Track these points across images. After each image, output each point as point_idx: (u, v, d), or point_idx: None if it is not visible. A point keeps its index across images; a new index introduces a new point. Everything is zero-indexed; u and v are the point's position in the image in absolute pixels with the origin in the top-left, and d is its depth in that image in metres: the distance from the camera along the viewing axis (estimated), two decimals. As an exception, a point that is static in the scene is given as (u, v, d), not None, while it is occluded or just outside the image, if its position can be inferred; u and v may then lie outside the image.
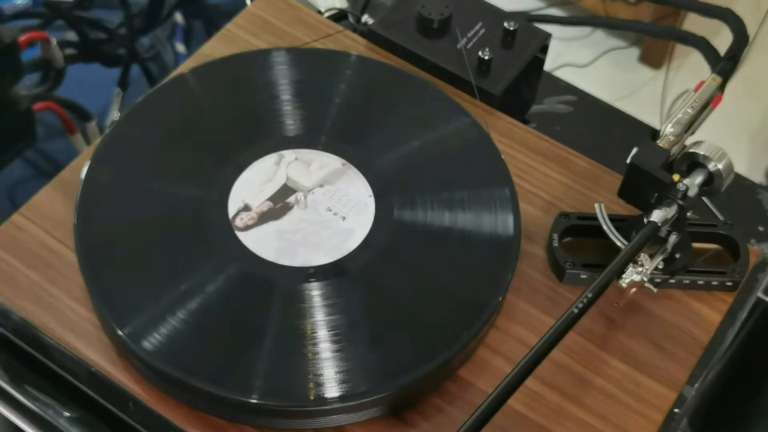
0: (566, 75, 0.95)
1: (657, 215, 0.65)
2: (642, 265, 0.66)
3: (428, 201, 0.70)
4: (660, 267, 0.68)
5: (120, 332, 0.62)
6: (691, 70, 1.86)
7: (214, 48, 0.82)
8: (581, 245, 0.72)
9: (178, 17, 1.21)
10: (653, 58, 1.91)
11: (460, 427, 0.56)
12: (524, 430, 0.64)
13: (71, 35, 1.12)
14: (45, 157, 1.02)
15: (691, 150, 0.67)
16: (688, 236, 0.70)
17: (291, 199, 0.70)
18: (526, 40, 0.82)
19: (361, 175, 0.71)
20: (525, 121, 0.81)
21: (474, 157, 0.73)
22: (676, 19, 1.80)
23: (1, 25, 1.02)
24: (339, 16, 0.90)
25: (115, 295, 0.64)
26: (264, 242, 0.67)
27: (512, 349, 0.67)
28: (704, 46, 0.82)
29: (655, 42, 1.89)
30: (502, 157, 0.73)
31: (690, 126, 0.69)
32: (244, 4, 0.87)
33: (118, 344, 0.64)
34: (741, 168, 0.73)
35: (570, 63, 1.75)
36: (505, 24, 0.81)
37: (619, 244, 0.68)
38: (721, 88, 0.72)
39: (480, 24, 0.82)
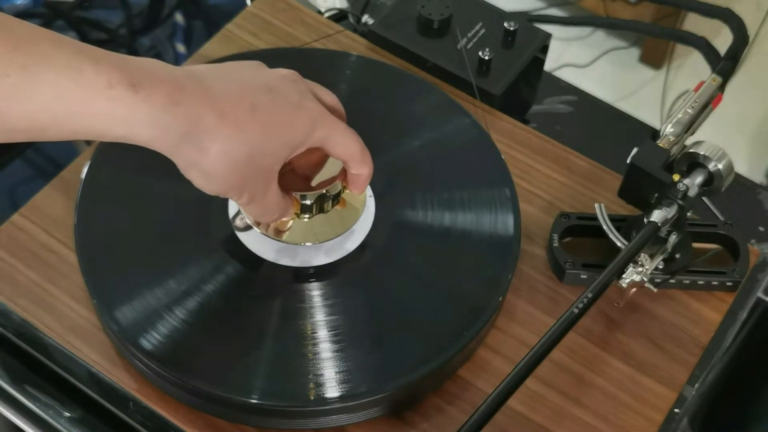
0: (566, 75, 0.95)
1: (657, 215, 0.65)
2: (642, 265, 0.66)
3: (428, 201, 0.70)
4: (660, 267, 0.68)
5: (120, 332, 0.62)
6: (691, 70, 1.86)
7: (214, 48, 0.82)
8: (581, 245, 0.72)
9: (179, 17, 1.21)
10: (653, 58, 1.91)
11: (460, 428, 0.56)
12: (525, 430, 0.64)
13: (71, 35, 1.12)
14: (45, 157, 1.02)
15: (691, 150, 0.67)
16: (688, 236, 0.70)
17: (291, 199, 0.70)
18: (526, 40, 0.82)
19: (361, 175, 0.71)
20: (525, 121, 0.81)
21: (474, 157, 0.73)
22: (676, 19, 1.79)
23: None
24: (339, 16, 0.90)
25: (115, 295, 0.64)
26: (264, 242, 0.67)
27: (512, 349, 0.67)
28: (704, 47, 0.82)
29: (655, 42, 1.89)
30: (503, 157, 0.73)
31: (690, 126, 0.69)
32: (244, 4, 0.87)
33: (118, 344, 0.64)
34: (741, 168, 0.73)
35: (570, 63, 1.75)
36: (505, 24, 0.81)
37: (619, 244, 0.68)
38: (721, 88, 0.72)
39: (480, 24, 0.82)
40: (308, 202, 0.63)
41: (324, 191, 0.63)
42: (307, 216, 0.64)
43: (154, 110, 0.51)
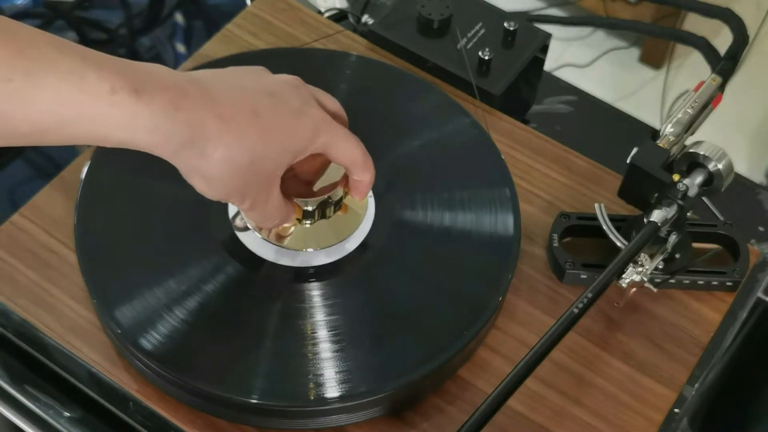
0: (566, 75, 0.95)
1: (657, 215, 0.65)
2: (642, 265, 0.66)
3: (428, 201, 0.70)
4: (660, 267, 0.68)
5: (120, 332, 0.62)
6: (691, 70, 1.86)
7: (214, 48, 0.82)
8: (581, 245, 0.72)
9: (179, 17, 1.21)
10: (653, 58, 1.91)
11: (460, 428, 0.56)
12: (525, 430, 0.64)
13: (71, 35, 1.12)
14: (45, 157, 1.02)
15: (691, 150, 0.67)
16: (688, 236, 0.70)
17: (291, 199, 0.70)
18: (526, 40, 0.82)
19: (361, 175, 0.71)
20: (525, 121, 0.81)
21: (474, 157, 0.73)
22: (676, 19, 1.80)
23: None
24: (339, 16, 0.90)
25: (115, 295, 0.64)
26: (264, 242, 0.67)
27: (512, 349, 0.67)
28: (704, 47, 0.82)
29: (655, 42, 1.89)
30: (503, 157, 0.73)
31: (690, 126, 0.69)
32: (244, 4, 0.87)
33: (118, 344, 0.64)
34: (741, 168, 0.73)
35: (570, 63, 1.75)
36: (505, 24, 0.81)
37: (619, 244, 0.68)
38: (721, 88, 0.72)
39: (480, 24, 0.82)
40: (310, 208, 0.63)
41: (326, 197, 0.63)
42: (308, 222, 0.64)
43: (156, 116, 0.51)
